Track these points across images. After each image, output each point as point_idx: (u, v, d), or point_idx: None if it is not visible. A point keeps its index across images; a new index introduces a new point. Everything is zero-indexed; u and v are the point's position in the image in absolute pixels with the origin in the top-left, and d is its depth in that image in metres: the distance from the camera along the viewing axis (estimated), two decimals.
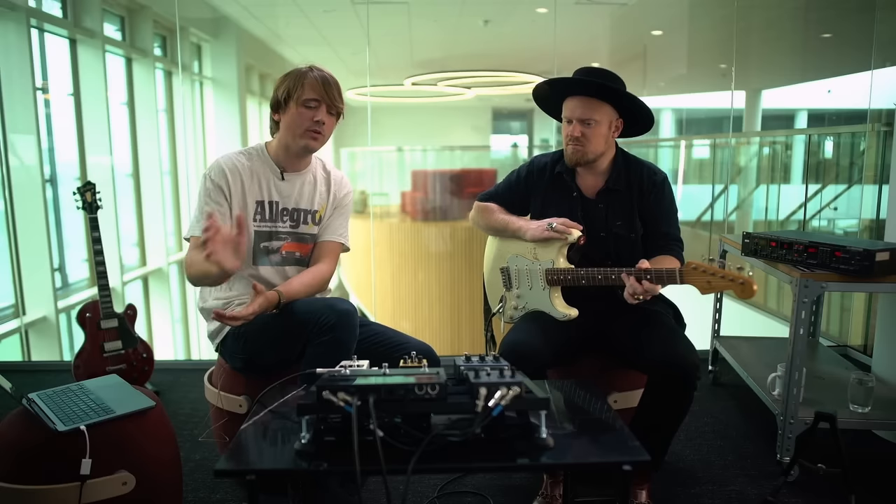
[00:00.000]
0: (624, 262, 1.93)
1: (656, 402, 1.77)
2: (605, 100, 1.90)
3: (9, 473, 1.47)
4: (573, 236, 1.89)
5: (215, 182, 1.86)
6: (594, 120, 1.89)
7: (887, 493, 2.04)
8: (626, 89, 1.91)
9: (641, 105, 1.92)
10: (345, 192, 2.05)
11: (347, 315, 1.69)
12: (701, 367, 1.75)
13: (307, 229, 1.98)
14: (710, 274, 1.66)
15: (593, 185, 2.00)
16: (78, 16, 4.88)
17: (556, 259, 1.92)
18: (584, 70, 1.95)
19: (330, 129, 1.90)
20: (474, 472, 2.06)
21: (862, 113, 3.88)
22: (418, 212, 9.64)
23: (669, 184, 2.02)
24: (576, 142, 1.91)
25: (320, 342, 1.66)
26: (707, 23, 6.02)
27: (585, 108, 1.90)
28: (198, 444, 2.36)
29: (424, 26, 6.98)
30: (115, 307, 2.67)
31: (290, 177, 1.95)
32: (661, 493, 2.00)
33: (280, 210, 1.94)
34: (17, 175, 4.01)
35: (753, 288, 1.61)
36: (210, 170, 1.89)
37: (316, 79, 1.85)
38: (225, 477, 1.91)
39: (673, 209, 2.01)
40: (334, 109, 1.88)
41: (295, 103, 1.84)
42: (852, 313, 3.93)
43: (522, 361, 1.63)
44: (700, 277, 1.68)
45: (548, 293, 1.94)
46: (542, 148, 11.90)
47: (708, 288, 1.67)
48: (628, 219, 1.96)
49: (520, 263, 2.01)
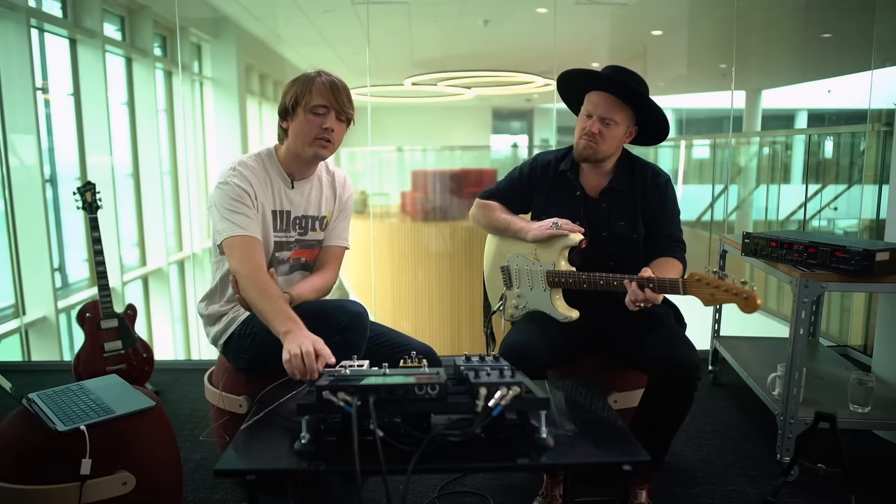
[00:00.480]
0: (626, 262, 1.92)
1: (657, 403, 1.77)
2: (629, 103, 1.90)
3: (9, 473, 1.47)
4: (575, 239, 1.88)
5: (242, 187, 1.78)
6: (614, 121, 1.89)
7: (887, 493, 2.04)
8: (648, 94, 1.90)
9: (660, 114, 1.91)
10: (348, 195, 2.03)
11: (359, 317, 1.68)
12: (702, 367, 1.75)
13: (314, 235, 1.96)
14: (713, 287, 1.64)
15: (597, 185, 2.00)
16: (78, 16, 4.88)
17: (558, 261, 1.91)
18: (615, 68, 1.93)
19: (340, 135, 1.84)
20: (474, 472, 2.06)
21: (862, 113, 3.88)
22: (418, 212, 9.64)
23: (672, 185, 2.02)
24: (590, 137, 1.90)
25: (331, 343, 1.61)
26: (707, 23, 6.01)
27: (609, 106, 1.89)
28: (198, 444, 2.36)
29: (424, 26, 6.98)
30: (115, 307, 2.67)
31: (298, 185, 1.91)
32: (661, 493, 2.00)
33: (292, 219, 1.91)
34: (17, 175, 4.01)
35: (757, 302, 1.59)
36: (230, 177, 1.80)
37: (324, 84, 1.79)
38: (225, 477, 1.91)
39: (676, 211, 2.01)
40: (344, 116, 1.82)
41: (303, 110, 1.78)
42: (852, 313, 3.93)
43: (523, 361, 1.63)
44: (703, 290, 1.66)
45: (549, 294, 1.93)
46: (541, 148, 11.90)
47: (711, 300, 1.65)
48: (631, 219, 1.96)
49: (520, 263, 2.01)
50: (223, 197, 1.78)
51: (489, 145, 13.00)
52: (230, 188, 1.78)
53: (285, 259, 1.92)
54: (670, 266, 1.88)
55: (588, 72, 1.94)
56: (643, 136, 1.99)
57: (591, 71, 1.93)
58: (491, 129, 13.19)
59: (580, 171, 2.02)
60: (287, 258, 1.92)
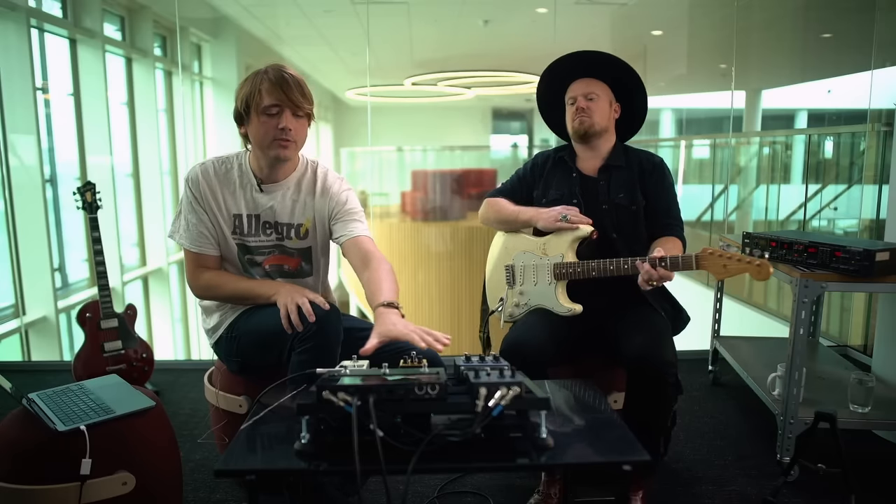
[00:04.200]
0: (626, 234, 1.96)
1: (635, 401, 1.78)
2: (600, 79, 2.02)
3: (9, 473, 1.47)
4: (586, 230, 1.90)
5: (192, 192, 1.81)
6: (595, 94, 2.00)
7: (887, 493, 2.04)
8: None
9: (629, 71, 2.04)
10: (339, 195, 1.88)
11: (327, 320, 1.64)
12: (677, 364, 1.75)
13: (292, 244, 1.87)
14: (726, 258, 1.67)
15: (593, 166, 2.05)
16: (78, 16, 4.88)
17: (566, 254, 1.94)
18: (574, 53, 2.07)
19: (301, 133, 1.76)
20: (474, 472, 2.06)
21: (862, 113, 3.88)
22: (418, 212, 9.65)
23: (668, 167, 2.07)
24: (582, 113, 1.99)
25: (303, 349, 1.61)
26: (707, 23, 6.01)
27: (585, 85, 2.01)
28: (198, 444, 2.36)
29: (424, 26, 6.98)
30: (115, 307, 2.67)
31: (269, 188, 1.83)
32: (661, 493, 2.00)
33: (262, 224, 1.84)
34: (17, 175, 4.01)
35: (770, 270, 1.61)
36: (188, 178, 1.82)
37: (272, 81, 1.68)
38: (225, 477, 1.92)
39: (673, 190, 2.06)
40: (301, 111, 1.72)
41: (256, 112, 1.70)
42: (852, 313, 3.93)
43: (523, 360, 1.63)
44: (716, 262, 1.69)
45: (553, 288, 1.94)
46: (541, 148, 11.89)
47: (723, 272, 1.68)
48: (630, 191, 1.99)
49: (526, 260, 2.03)
50: (182, 197, 1.84)
51: (489, 145, 13.02)
52: (185, 191, 1.83)
53: (258, 262, 1.87)
54: (672, 245, 1.91)
55: (550, 70, 2.10)
56: (627, 113, 2.07)
57: (551, 66, 2.10)
58: (491, 129, 13.21)
59: (576, 157, 2.09)
60: (260, 262, 1.87)
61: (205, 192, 1.81)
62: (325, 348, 1.62)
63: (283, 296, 1.69)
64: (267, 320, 1.71)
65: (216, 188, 1.82)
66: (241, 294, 1.82)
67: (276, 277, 1.88)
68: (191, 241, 1.82)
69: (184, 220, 1.83)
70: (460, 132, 12.74)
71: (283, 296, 1.69)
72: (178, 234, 1.85)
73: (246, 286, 1.82)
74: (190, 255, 1.84)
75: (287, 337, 1.64)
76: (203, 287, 1.84)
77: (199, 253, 1.83)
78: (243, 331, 1.83)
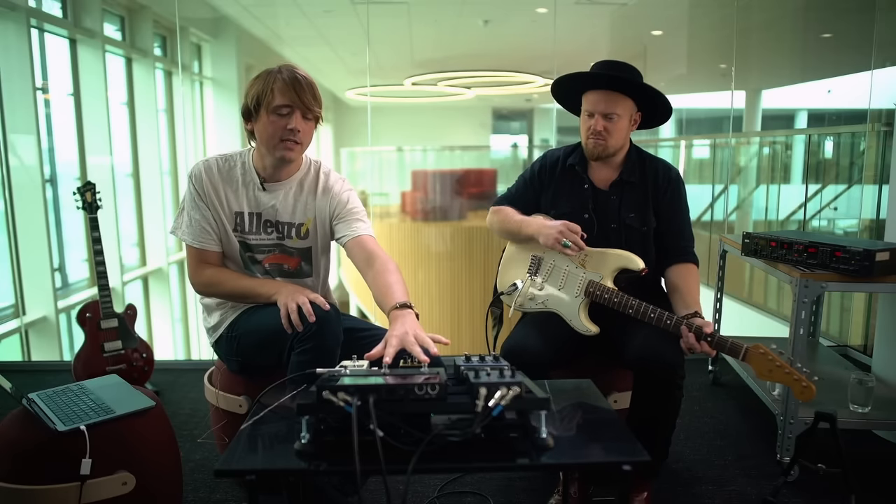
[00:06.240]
0: (635, 255, 1.90)
1: (641, 402, 1.78)
2: (626, 93, 1.89)
3: (9, 473, 1.47)
4: (639, 265, 1.83)
5: (195, 188, 1.82)
6: (616, 114, 1.88)
7: (887, 493, 2.04)
8: (643, 80, 1.90)
9: (659, 95, 1.90)
10: (341, 195, 1.88)
11: (327, 320, 1.64)
12: (684, 365, 1.75)
13: (292, 243, 1.87)
14: (775, 364, 1.61)
15: (606, 178, 1.99)
16: (78, 16, 4.88)
17: (606, 277, 1.87)
18: (603, 64, 1.92)
19: (308, 135, 1.76)
20: (474, 472, 2.06)
21: (862, 113, 3.88)
22: (418, 212, 9.64)
23: (683, 181, 2.02)
24: (597, 136, 1.90)
25: (303, 350, 1.62)
26: (707, 23, 6.01)
27: (607, 102, 1.88)
28: (198, 444, 2.36)
29: (424, 26, 6.98)
30: (115, 307, 2.67)
31: (271, 187, 1.84)
32: (661, 493, 2.00)
33: (263, 222, 1.85)
34: (17, 175, 4.01)
35: (813, 395, 1.57)
36: (191, 174, 1.83)
37: (286, 81, 1.69)
38: (225, 477, 1.92)
39: (687, 208, 2.01)
40: (310, 114, 1.73)
41: (266, 111, 1.70)
42: (852, 313, 3.93)
43: (524, 365, 1.61)
44: (764, 364, 1.63)
45: (579, 303, 1.89)
46: (541, 148, 11.90)
47: (767, 375, 1.63)
48: (641, 211, 1.94)
49: (559, 261, 1.96)
50: (186, 193, 1.86)
51: (489, 145, 13.01)
52: (188, 187, 1.84)
53: (258, 261, 1.87)
54: (692, 280, 1.88)
55: (579, 75, 1.94)
56: (648, 119, 1.98)
57: (581, 73, 1.93)
58: (491, 129, 13.20)
59: (589, 165, 2.01)
60: (260, 260, 1.87)
61: (207, 188, 1.82)
62: (324, 349, 1.62)
63: (283, 296, 1.70)
64: (267, 320, 1.72)
65: (219, 185, 1.83)
66: (241, 292, 1.83)
67: (275, 276, 1.89)
68: (193, 237, 1.83)
69: (186, 216, 1.84)
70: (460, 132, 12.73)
71: (283, 296, 1.70)
72: (181, 230, 1.85)
73: (247, 284, 1.83)
74: (192, 251, 1.85)
75: (287, 337, 1.65)
76: (204, 283, 1.85)
77: (201, 249, 1.83)
78: (243, 330, 1.83)
